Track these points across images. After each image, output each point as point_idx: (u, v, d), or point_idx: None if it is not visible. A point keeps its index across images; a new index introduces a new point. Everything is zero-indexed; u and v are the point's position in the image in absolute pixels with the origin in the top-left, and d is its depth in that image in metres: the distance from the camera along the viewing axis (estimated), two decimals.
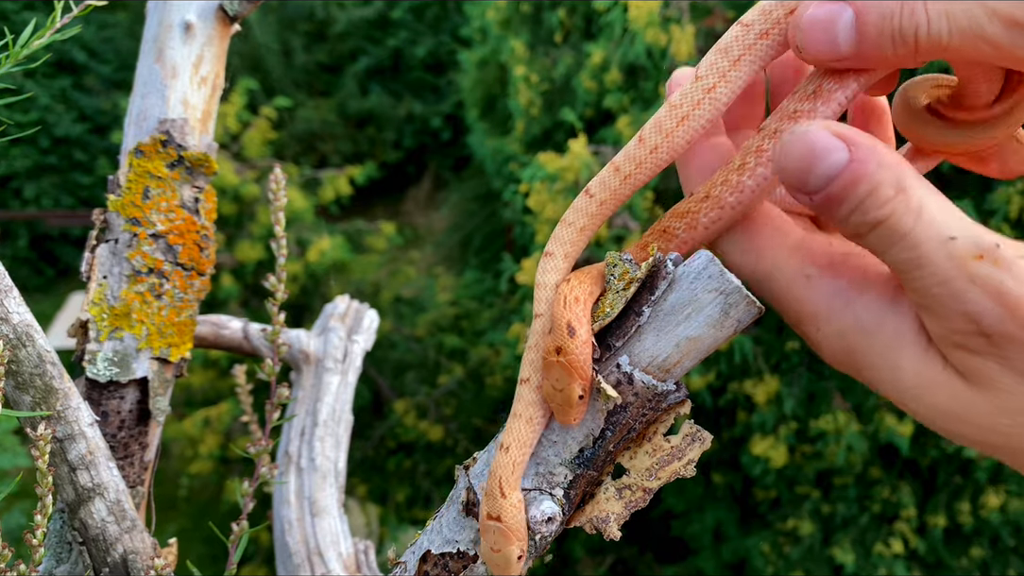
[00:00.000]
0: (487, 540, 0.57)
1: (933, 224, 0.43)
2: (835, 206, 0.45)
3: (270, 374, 0.98)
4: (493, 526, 0.56)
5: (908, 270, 0.44)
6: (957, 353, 0.44)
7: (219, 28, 1.00)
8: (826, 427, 3.78)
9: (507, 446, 0.56)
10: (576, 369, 0.56)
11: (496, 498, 0.56)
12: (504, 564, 0.57)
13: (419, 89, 11.74)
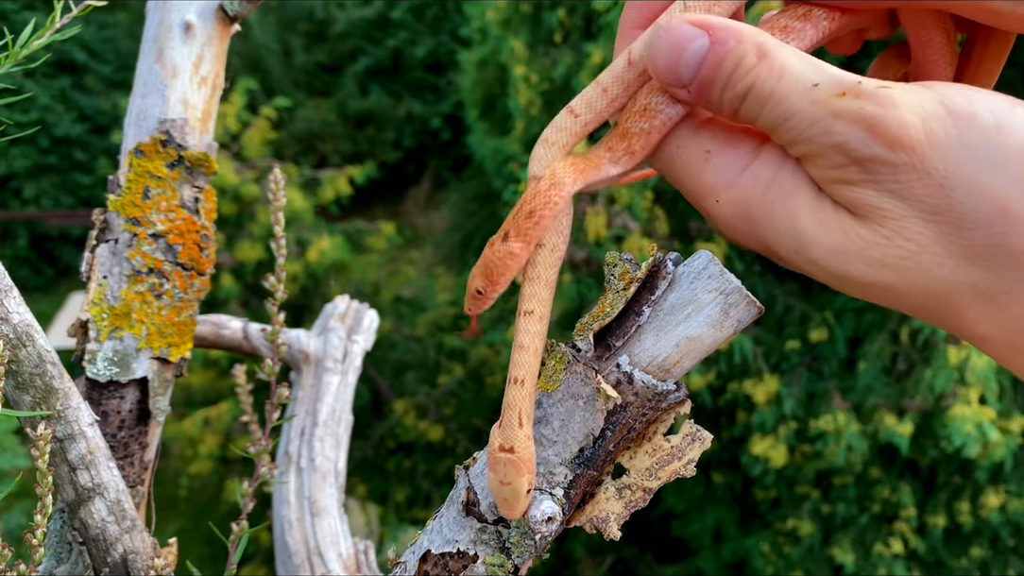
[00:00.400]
0: (497, 473, 0.57)
1: (794, 77, 0.46)
2: (709, 90, 0.48)
3: (270, 374, 0.98)
4: (504, 458, 0.56)
5: (780, 124, 0.47)
6: (839, 190, 0.47)
7: (219, 28, 1.00)
8: (826, 427, 3.78)
9: (521, 379, 0.56)
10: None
11: (513, 428, 0.56)
12: (513, 497, 0.57)
13: (419, 89, 11.74)
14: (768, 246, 0.51)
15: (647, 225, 3.82)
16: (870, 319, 3.92)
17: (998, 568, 4.16)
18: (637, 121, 0.53)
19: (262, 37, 9.79)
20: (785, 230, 0.49)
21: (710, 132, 0.53)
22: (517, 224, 0.56)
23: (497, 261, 0.57)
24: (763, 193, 0.50)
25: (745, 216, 0.50)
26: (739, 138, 0.52)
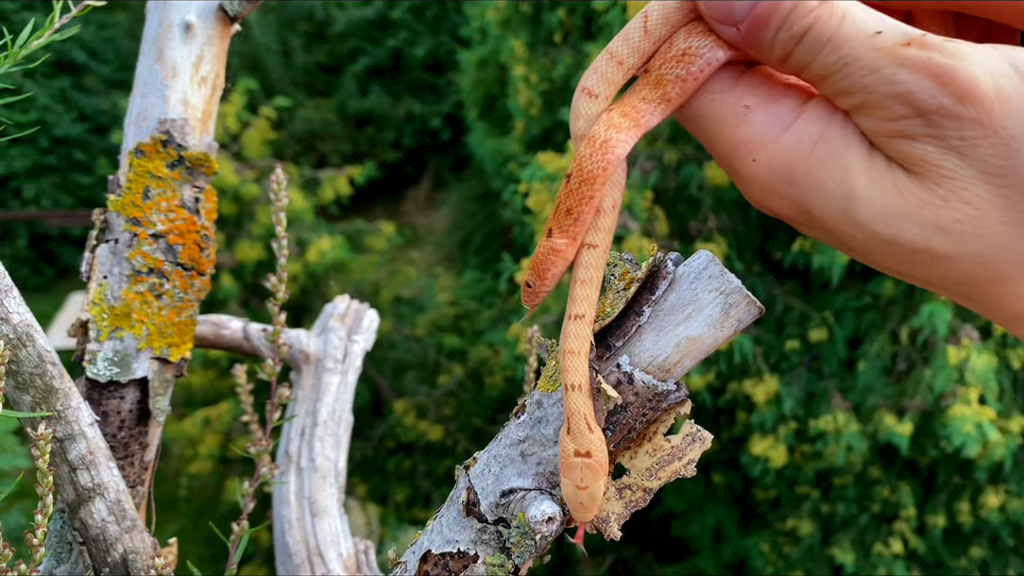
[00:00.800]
0: (573, 478, 0.56)
1: (856, 22, 0.44)
2: (762, 29, 0.46)
3: (270, 374, 0.98)
4: (581, 462, 0.56)
5: (836, 71, 0.45)
6: (896, 144, 0.45)
7: (219, 28, 1.00)
8: (825, 427, 3.78)
9: (577, 384, 0.56)
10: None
11: (585, 434, 0.56)
12: (591, 500, 0.57)
13: (418, 89, 11.74)
14: (808, 208, 0.48)
15: (647, 225, 3.82)
16: (870, 319, 3.93)
17: (998, 568, 4.17)
18: (674, 67, 0.50)
19: (262, 37, 9.79)
20: (833, 188, 0.46)
21: (749, 85, 0.50)
22: (559, 220, 0.55)
23: (542, 258, 0.57)
24: (810, 151, 0.47)
25: (786, 176, 0.48)
26: (781, 93, 0.50)
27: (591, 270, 0.56)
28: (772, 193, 0.49)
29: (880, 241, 0.46)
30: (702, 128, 0.52)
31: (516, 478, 0.61)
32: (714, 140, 0.51)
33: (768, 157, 0.48)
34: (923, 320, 3.49)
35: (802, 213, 0.49)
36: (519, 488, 0.61)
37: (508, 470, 0.61)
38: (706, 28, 0.49)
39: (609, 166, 0.53)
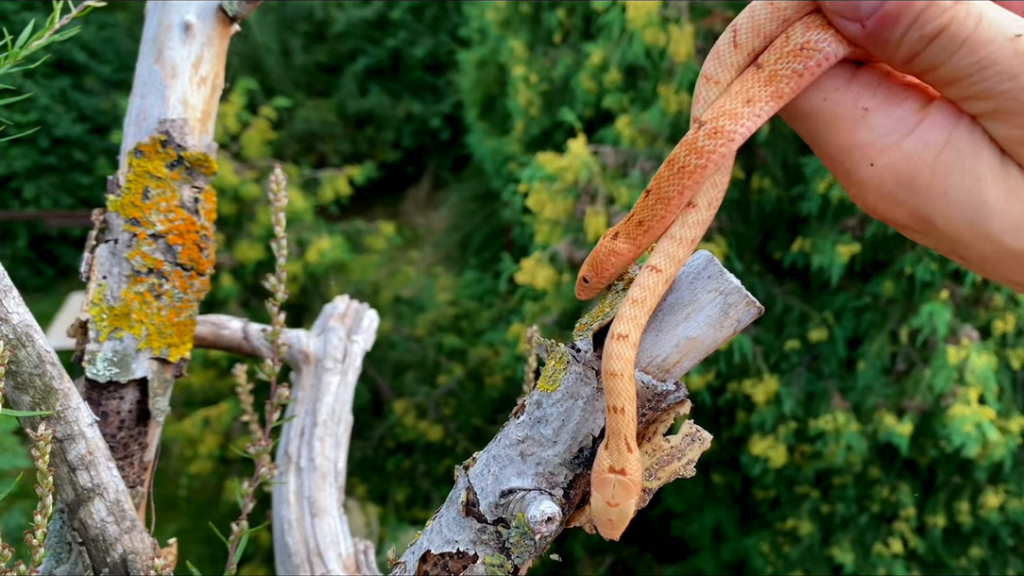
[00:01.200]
0: (604, 493, 0.56)
1: (995, 25, 0.42)
2: (890, 28, 0.44)
3: (270, 374, 0.98)
4: (614, 479, 0.56)
5: (972, 73, 0.43)
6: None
7: (218, 28, 1.00)
8: (825, 427, 3.78)
9: (621, 407, 0.55)
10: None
11: (624, 453, 0.55)
12: (619, 519, 0.57)
13: (418, 89, 11.74)
14: (929, 217, 0.46)
15: None
16: (869, 319, 3.93)
17: (997, 568, 4.17)
18: (789, 62, 0.48)
19: (261, 37, 9.79)
20: (960, 198, 0.44)
21: (866, 84, 0.48)
22: (628, 228, 0.56)
23: (603, 257, 0.57)
24: (935, 158, 0.45)
25: (907, 183, 0.46)
26: (902, 94, 0.47)
27: (646, 292, 0.55)
28: (889, 199, 0.47)
29: (1008, 254, 0.45)
30: (811, 128, 0.50)
31: (515, 478, 0.61)
32: (824, 141, 0.49)
33: (888, 162, 0.46)
34: (923, 320, 3.49)
35: (921, 221, 0.47)
36: (518, 488, 0.61)
37: (507, 470, 0.61)
38: (824, 22, 0.47)
39: (714, 157, 0.51)
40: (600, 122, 4.93)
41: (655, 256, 0.55)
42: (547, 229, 4.03)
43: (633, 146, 4.10)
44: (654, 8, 3.79)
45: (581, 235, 3.87)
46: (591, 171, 3.84)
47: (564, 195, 3.89)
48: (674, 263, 0.54)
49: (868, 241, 3.68)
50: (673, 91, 3.80)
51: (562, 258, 3.92)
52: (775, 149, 3.85)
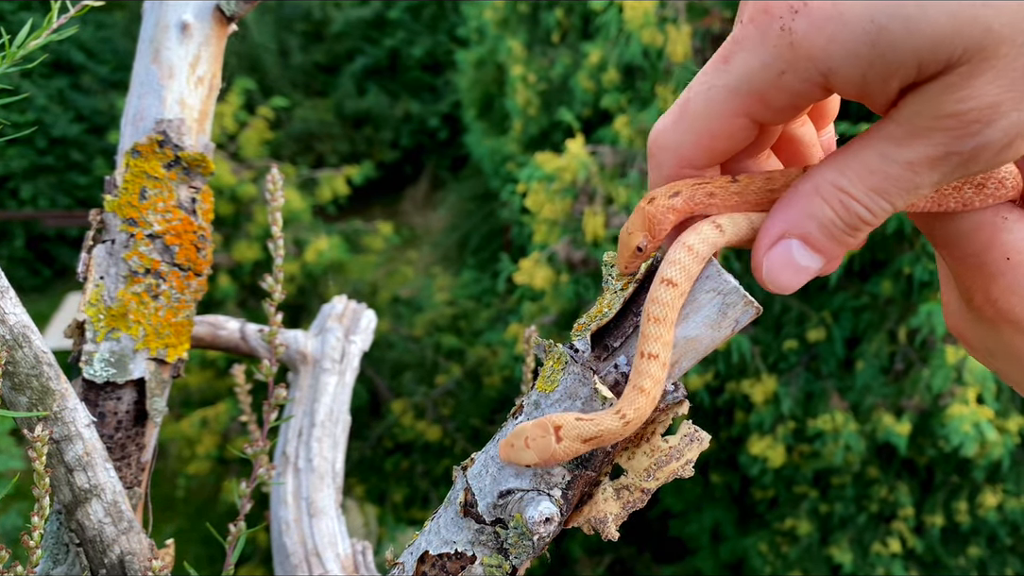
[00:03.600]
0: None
1: None
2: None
3: (268, 375, 0.98)
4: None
5: None
6: None
7: (216, 28, 1.00)
8: (824, 427, 3.78)
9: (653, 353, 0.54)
10: (652, 224, 0.55)
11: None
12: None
13: (416, 89, 11.74)
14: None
15: None
16: (868, 319, 3.93)
17: (995, 567, 4.17)
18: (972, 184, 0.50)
19: (259, 37, 9.79)
20: None
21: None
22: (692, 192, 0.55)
23: (660, 215, 0.56)
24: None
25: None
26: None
27: (704, 242, 0.54)
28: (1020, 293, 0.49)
29: None
30: (948, 233, 0.52)
31: (514, 479, 0.61)
32: (958, 251, 0.52)
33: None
34: (921, 320, 3.50)
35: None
36: (517, 489, 0.61)
37: (506, 471, 0.61)
38: None
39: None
40: (598, 122, 4.93)
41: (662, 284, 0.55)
42: (545, 229, 4.03)
43: (631, 146, 4.10)
44: (651, 8, 3.79)
45: (579, 235, 3.87)
46: (589, 171, 3.84)
47: (562, 195, 3.89)
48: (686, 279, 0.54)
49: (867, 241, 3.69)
50: (671, 91, 3.80)
51: (560, 258, 3.92)
52: None
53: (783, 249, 0.49)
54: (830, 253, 0.48)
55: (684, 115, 0.50)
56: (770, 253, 0.49)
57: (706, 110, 0.48)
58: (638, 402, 0.53)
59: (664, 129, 0.53)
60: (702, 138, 0.50)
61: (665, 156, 0.53)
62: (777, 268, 0.49)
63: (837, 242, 0.48)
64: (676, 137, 0.52)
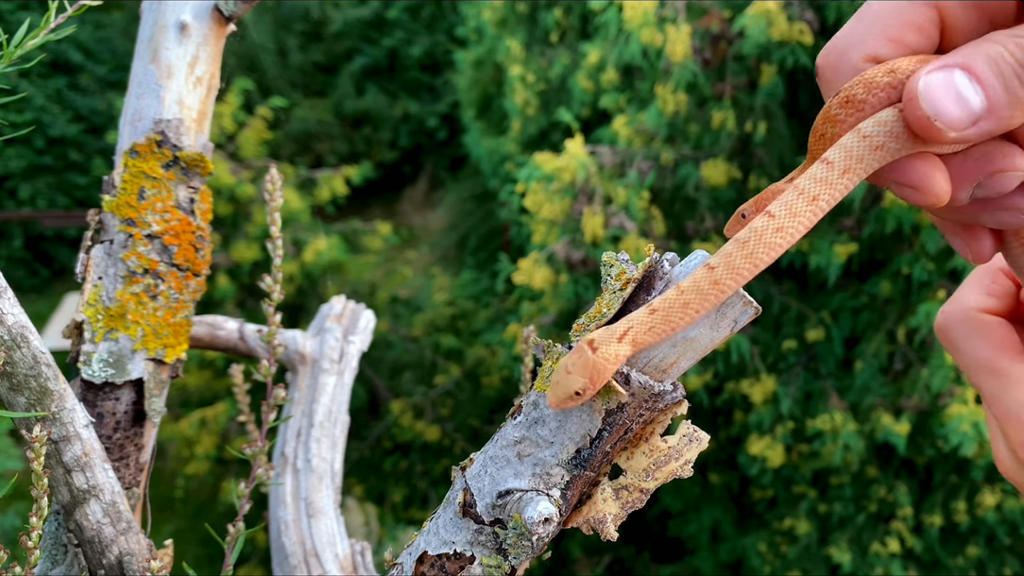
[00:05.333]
0: (570, 358, 0.55)
1: None
2: None
3: (266, 375, 0.98)
4: (584, 349, 0.54)
5: None
6: None
7: (214, 28, 1.00)
8: (823, 426, 3.79)
9: (655, 307, 0.54)
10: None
11: (612, 338, 0.54)
12: (559, 387, 0.55)
13: (415, 89, 11.74)
14: None
15: (644, 225, 3.82)
16: (867, 319, 3.93)
17: (994, 567, 4.17)
18: None
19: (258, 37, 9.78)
20: None
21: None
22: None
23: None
24: None
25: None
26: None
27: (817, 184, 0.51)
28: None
29: None
30: (999, 383, 0.55)
31: (513, 479, 0.61)
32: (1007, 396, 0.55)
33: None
34: (920, 319, 3.50)
35: None
36: (516, 489, 0.61)
37: (505, 471, 0.61)
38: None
39: None
40: (597, 122, 4.93)
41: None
42: (544, 229, 4.03)
43: (630, 146, 4.10)
44: (651, 8, 3.79)
45: (578, 235, 3.87)
46: (588, 171, 3.83)
47: (561, 195, 3.88)
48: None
49: (865, 241, 3.69)
50: (670, 91, 3.81)
51: (559, 258, 3.92)
52: (772, 149, 3.85)
53: (944, 73, 0.46)
54: (993, 92, 0.45)
55: (865, 11, 0.50)
56: (929, 76, 0.47)
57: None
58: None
59: (842, 33, 0.52)
60: (889, 28, 0.49)
61: (846, 57, 0.51)
62: (936, 87, 0.46)
63: (1003, 82, 0.45)
64: (859, 31, 0.50)
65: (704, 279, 0.52)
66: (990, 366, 0.57)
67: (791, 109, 4.00)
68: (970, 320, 0.60)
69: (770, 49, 3.59)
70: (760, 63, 3.74)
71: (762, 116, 3.76)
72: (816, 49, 3.63)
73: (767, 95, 3.74)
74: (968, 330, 0.59)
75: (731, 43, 3.78)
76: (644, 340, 0.54)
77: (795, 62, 3.56)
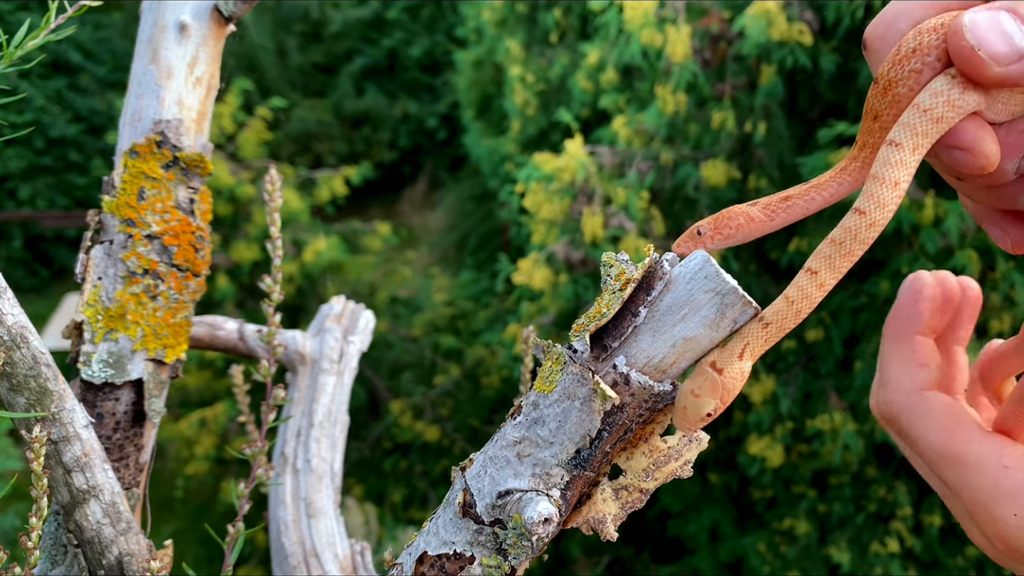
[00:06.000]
0: (694, 381, 0.56)
1: None
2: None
3: (266, 375, 0.98)
4: (709, 372, 0.56)
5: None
6: None
7: (214, 28, 1.00)
8: (822, 426, 3.79)
9: (766, 320, 0.55)
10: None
11: (732, 356, 0.56)
12: (692, 411, 0.56)
13: (415, 89, 11.74)
14: None
15: (644, 225, 3.82)
16: (866, 319, 3.93)
17: (993, 567, 4.17)
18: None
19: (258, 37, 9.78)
20: None
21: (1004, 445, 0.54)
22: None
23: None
24: None
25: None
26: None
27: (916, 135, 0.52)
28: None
29: None
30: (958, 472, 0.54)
31: (512, 479, 0.61)
32: (972, 485, 0.54)
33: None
34: None
35: None
36: (515, 489, 0.61)
37: (504, 471, 0.61)
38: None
39: None
40: (597, 122, 4.93)
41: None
42: (544, 229, 4.03)
43: (630, 146, 4.10)
44: (651, 8, 3.79)
45: (578, 235, 3.87)
46: (588, 171, 3.84)
47: (561, 195, 3.89)
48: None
49: None
50: (670, 91, 3.81)
51: (559, 258, 3.92)
52: (772, 149, 3.86)
53: (990, 13, 0.48)
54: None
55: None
56: (976, 13, 0.48)
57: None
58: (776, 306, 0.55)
59: (890, 5, 0.53)
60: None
61: (895, 26, 0.53)
62: (981, 22, 0.47)
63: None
64: (905, 4, 0.52)
65: (810, 285, 0.54)
66: (944, 453, 0.56)
67: (791, 109, 4.00)
68: (914, 405, 0.59)
69: (770, 49, 3.59)
70: (760, 63, 3.74)
71: (762, 116, 3.76)
72: (816, 49, 3.63)
73: (766, 95, 3.74)
74: (915, 416, 0.58)
75: (731, 43, 3.78)
76: (760, 352, 0.57)
77: (795, 62, 3.56)
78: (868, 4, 3.45)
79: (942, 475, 0.56)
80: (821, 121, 3.80)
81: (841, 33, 3.59)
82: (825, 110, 3.97)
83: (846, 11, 3.48)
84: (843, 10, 3.49)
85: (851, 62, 3.70)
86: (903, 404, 0.59)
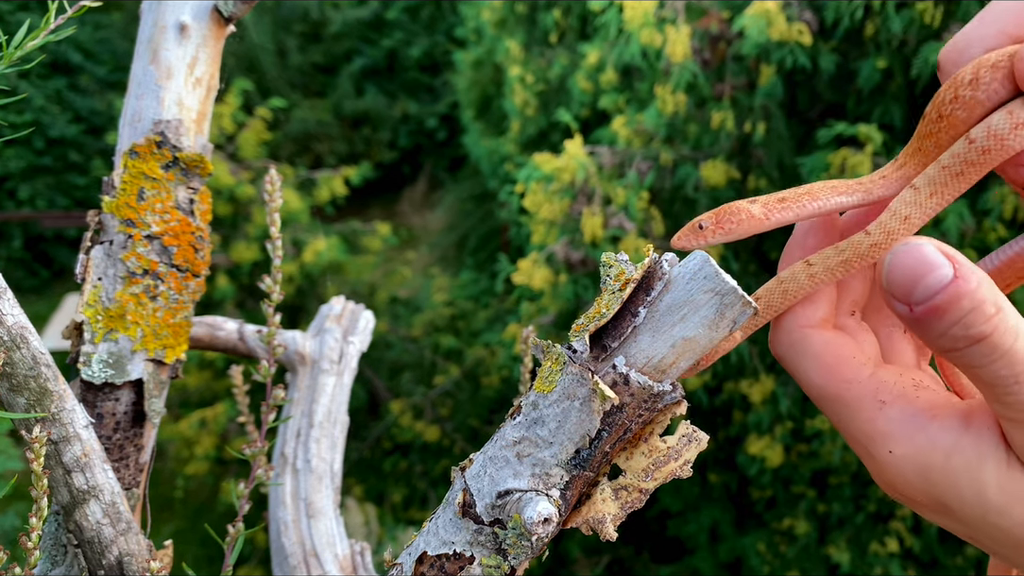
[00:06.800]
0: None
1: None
2: (935, 319, 0.46)
3: (265, 376, 0.98)
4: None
5: (1005, 385, 0.45)
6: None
7: (214, 29, 1.00)
8: (822, 426, 3.79)
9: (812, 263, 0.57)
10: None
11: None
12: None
13: (414, 89, 11.74)
14: (947, 505, 0.50)
15: (643, 226, 3.82)
16: None
17: None
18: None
19: (257, 38, 9.78)
20: (970, 496, 0.48)
21: (883, 380, 0.53)
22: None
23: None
24: (944, 459, 0.49)
25: (923, 474, 0.50)
26: (913, 392, 0.52)
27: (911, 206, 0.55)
28: (909, 485, 0.52)
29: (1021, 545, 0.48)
30: (837, 410, 0.55)
31: (512, 479, 0.61)
32: (848, 425, 0.54)
33: (905, 453, 0.51)
34: None
35: (939, 507, 0.51)
36: (515, 489, 0.61)
37: (504, 471, 0.61)
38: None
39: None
40: (596, 122, 4.93)
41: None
42: (544, 230, 4.03)
43: (629, 146, 4.10)
44: (651, 8, 3.79)
45: (578, 235, 3.87)
46: (587, 172, 3.84)
47: (561, 196, 3.89)
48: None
49: None
50: (669, 91, 3.81)
51: (559, 258, 3.92)
52: (771, 149, 3.86)
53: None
54: None
55: (988, 10, 0.52)
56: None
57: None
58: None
59: (965, 30, 0.54)
60: (1008, 24, 0.52)
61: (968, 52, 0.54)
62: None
63: None
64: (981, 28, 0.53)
65: (803, 273, 0.59)
66: (824, 393, 0.56)
67: (790, 109, 4.00)
68: (795, 343, 0.59)
69: (769, 49, 3.59)
70: (759, 63, 3.74)
71: (761, 116, 3.77)
72: (815, 49, 3.63)
73: (766, 95, 3.74)
74: (796, 355, 0.58)
75: (730, 43, 3.78)
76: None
77: (794, 62, 3.56)
78: (868, 4, 3.46)
79: (826, 414, 0.56)
80: (820, 121, 3.80)
81: (840, 33, 3.59)
82: (824, 110, 3.97)
83: (845, 11, 3.48)
84: (842, 10, 3.50)
85: (850, 62, 3.70)
86: (785, 343, 0.60)
